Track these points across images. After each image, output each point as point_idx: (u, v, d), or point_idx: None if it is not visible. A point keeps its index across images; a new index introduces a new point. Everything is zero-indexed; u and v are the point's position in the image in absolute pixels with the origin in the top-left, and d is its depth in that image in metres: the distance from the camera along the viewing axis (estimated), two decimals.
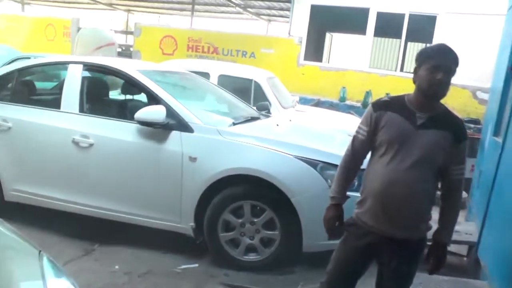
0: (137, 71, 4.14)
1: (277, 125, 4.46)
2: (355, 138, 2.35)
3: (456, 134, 2.16)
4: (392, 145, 2.17)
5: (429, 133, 2.14)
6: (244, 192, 3.61)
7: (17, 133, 4.24)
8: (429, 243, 2.35)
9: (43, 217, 4.34)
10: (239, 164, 3.57)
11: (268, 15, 17.54)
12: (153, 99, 3.96)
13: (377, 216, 2.23)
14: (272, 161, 3.55)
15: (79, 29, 13.30)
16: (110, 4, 18.99)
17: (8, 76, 4.62)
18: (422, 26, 10.48)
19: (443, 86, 2.11)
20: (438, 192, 2.30)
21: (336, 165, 3.48)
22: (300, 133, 4.50)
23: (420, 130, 2.15)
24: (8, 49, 11.18)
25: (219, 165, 3.59)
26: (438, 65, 2.09)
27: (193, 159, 3.63)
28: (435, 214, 2.29)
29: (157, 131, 3.74)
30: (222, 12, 18.10)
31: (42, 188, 4.17)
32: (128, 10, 20.46)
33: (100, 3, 18.44)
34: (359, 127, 2.33)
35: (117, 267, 3.64)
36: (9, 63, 8.49)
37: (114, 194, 3.94)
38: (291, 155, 3.56)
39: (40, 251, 1.69)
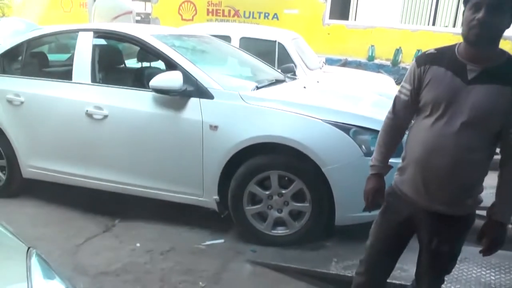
0: (151, 35, 3.86)
1: (304, 87, 4.13)
2: (397, 99, 2.05)
3: None
4: (438, 104, 1.84)
5: (483, 89, 1.77)
6: (270, 162, 3.33)
7: (30, 108, 4.07)
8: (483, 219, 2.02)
9: (63, 192, 4.22)
10: (264, 132, 3.29)
11: None
12: (170, 65, 3.69)
13: (417, 187, 1.95)
14: (300, 127, 3.26)
15: None
16: None
17: (17, 48, 4.43)
18: None
19: (485, 27, 1.70)
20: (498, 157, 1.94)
21: (370, 129, 3.27)
22: (329, 95, 4.18)
23: (471, 86, 1.79)
24: (26, 23, 11.06)
25: (243, 133, 3.32)
26: (479, 1, 1.71)
27: (214, 128, 3.36)
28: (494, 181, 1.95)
29: (174, 99, 3.48)
30: None
31: (58, 164, 4.01)
32: None
33: None
34: (401, 86, 2.03)
35: (138, 244, 3.47)
36: None
37: (131, 168, 3.74)
38: (321, 119, 3.26)
39: (29, 248, 1.44)
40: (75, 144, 3.91)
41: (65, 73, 4.24)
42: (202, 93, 3.46)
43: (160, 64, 4.61)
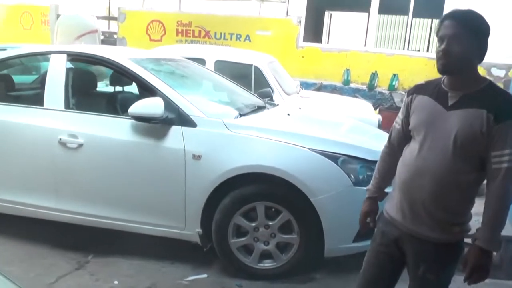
0: (128, 59, 3.87)
1: (288, 114, 4.22)
2: (392, 128, 2.25)
3: (497, 111, 1.86)
4: (420, 130, 2.01)
5: (461, 113, 1.91)
6: (256, 192, 3.38)
7: None
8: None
9: (28, 227, 4.11)
10: (250, 161, 3.34)
11: None
12: (148, 91, 3.70)
13: (403, 210, 2.06)
14: (288, 156, 3.33)
15: (58, 16, 12.95)
16: None
17: None
18: (430, 1, 10.25)
19: (448, 57, 1.88)
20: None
21: (359, 158, 3.38)
22: (313, 122, 4.28)
23: (451, 111, 1.93)
24: None
25: (227, 163, 3.35)
26: (443, 34, 1.91)
27: (197, 157, 3.39)
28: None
29: (155, 127, 3.49)
30: None
31: (24, 196, 3.90)
32: None
33: None
34: (397, 116, 2.21)
35: (116, 282, 3.42)
36: None
37: (108, 200, 3.70)
38: (308, 148, 3.33)
39: None
40: (45, 174, 3.83)
41: (34, 98, 4.19)
42: (185, 120, 3.49)
43: (133, 88, 4.63)
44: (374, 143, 3.59)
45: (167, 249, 3.78)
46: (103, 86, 5.08)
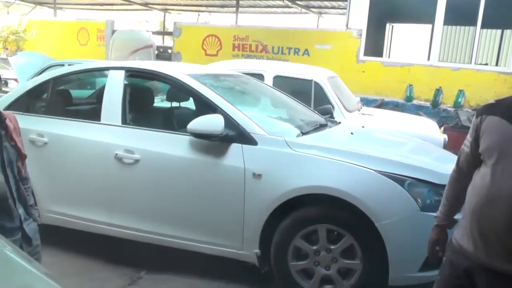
0: (187, 75, 3.95)
1: (352, 133, 4.16)
2: (461, 151, 2.16)
3: None
4: (491, 153, 1.90)
5: None
6: (318, 215, 3.33)
7: (54, 149, 4.14)
8: None
9: (83, 240, 4.23)
10: (313, 182, 3.31)
11: (320, 7, 17.15)
12: (207, 107, 3.75)
13: (474, 240, 1.95)
14: (352, 177, 3.26)
15: (113, 31, 13.43)
16: (146, 4, 19.16)
17: (42, 86, 4.54)
18: (501, 10, 9.86)
19: None
20: None
21: (426, 181, 3.28)
22: (378, 142, 4.19)
23: None
24: (41, 57, 11.43)
25: (289, 183, 3.33)
26: None
27: (257, 176, 3.38)
28: None
29: (214, 144, 3.53)
30: (268, 6, 17.89)
31: (81, 210, 4.04)
32: (165, 10, 20.59)
33: (135, 3, 18.64)
34: (466, 139, 2.12)
35: None
36: (43, 71, 8.61)
37: (163, 216, 3.76)
38: (374, 170, 3.26)
39: None
40: (101, 189, 3.95)
41: (91, 113, 4.32)
42: (245, 138, 3.50)
43: (190, 104, 4.71)
44: (441, 165, 3.47)
45: (223, 268, 3.79)
46: (158, 102, 5.20)
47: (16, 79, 10.92)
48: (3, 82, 4.69)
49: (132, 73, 4.23)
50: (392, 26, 14.85)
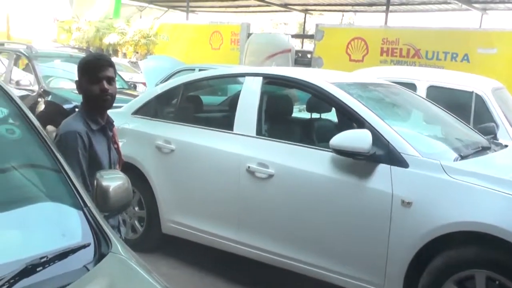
0: (332, 84, 3.84)
1: None
2: None
3: None
4: None
5: None
6: (476, 257, 3.02)
7: (181, 158, 4.27)
8: None
9: (204, 254, 4.33)
10: (472, 217, 3.01)
11: (484, 2, 15.98)
12: (353, 121, 3.63)
13: None
14: None
15: (249, 35, 13.72)
16: (285, 5, 19.37)
17: (172, 91, 4.73)
18: None
19: None
20: None
21: None
22: None
23: None
24: (171, 61, 12.06)
25: (443, 215, 3.07)
26: None
27: (406, 204, 3.17)
28: None
29: (359, 163, 3.38)
30: (422, 3, 17.15)
31: (206, 223, 4.13)
32: (306, 10, 20.66)
33: (273, 4, 18.92)
34: None
35: None
36: (172, 75, 9.08)
37: (296, 239, 3.69)
38: None
39: None
40: (230, 203, 3.98)
41: (223, 121, 4.39)
42: (394, 159, 3.31)
43: (331, 115, 4.59)
44: None
45: None
46: (295, 112, 5.15)
47: (144, 83, 11.66)
48: (131, 85, 4.99)
49: (270, 80, 4.23)
50: None
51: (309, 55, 13.15)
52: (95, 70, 2.60)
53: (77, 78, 2.69)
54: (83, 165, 2.52)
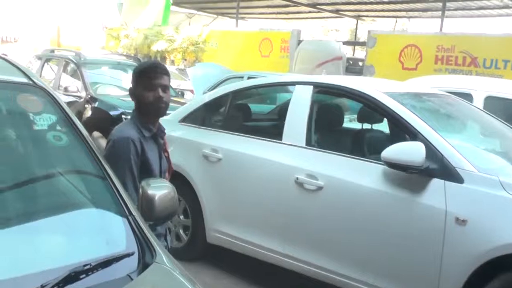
0: (384, 93, 3.76)
1: None
2: None
3: None
4: None
5: None
6: None
7: (228, 167, 4.28)
8: None
9: (248, 266, 4.34)
10: None
11: None
12: (405, 132, 3.56)
13: None
14: None
15: (299, 42, 13.67)
16: (336, 11, 19.23)
17: (221, 99, 4.74)
18: None
19: None
20: None
21: None
22: None
23: None
24: (219, 68, 12.13)
25: (501, 235, 2.95)
26: None
27: (461, 222, 3.06)
28: None
29: (411, 177, 3.29)
30: (481, 8, 16.66)
31: (250, 234, 4.11)
32: (358, 16, 20.46)
33: (325, 10, 18.80)
34: None
35: None
36: (220, 83, 9.13)
37: (344, 254, 3.63)
38: None
39: None
40: (276, 215, 3.96)
41: (271, 131, 4.36)
42: (449, 174, 3.20)
43: (383, 126, 4.50)
44: None
45: None
46: (345, 122, 5.09)
47: (191, 90, 11.75)
48: (179, 93, 5.03)
49: (321, 89, 4.20)
50: None
51: (360, 63, 13.01)
52: (151, 78, 2.61)
53: (131, 85, 2.71)
54: (135, 171, 2.54)
